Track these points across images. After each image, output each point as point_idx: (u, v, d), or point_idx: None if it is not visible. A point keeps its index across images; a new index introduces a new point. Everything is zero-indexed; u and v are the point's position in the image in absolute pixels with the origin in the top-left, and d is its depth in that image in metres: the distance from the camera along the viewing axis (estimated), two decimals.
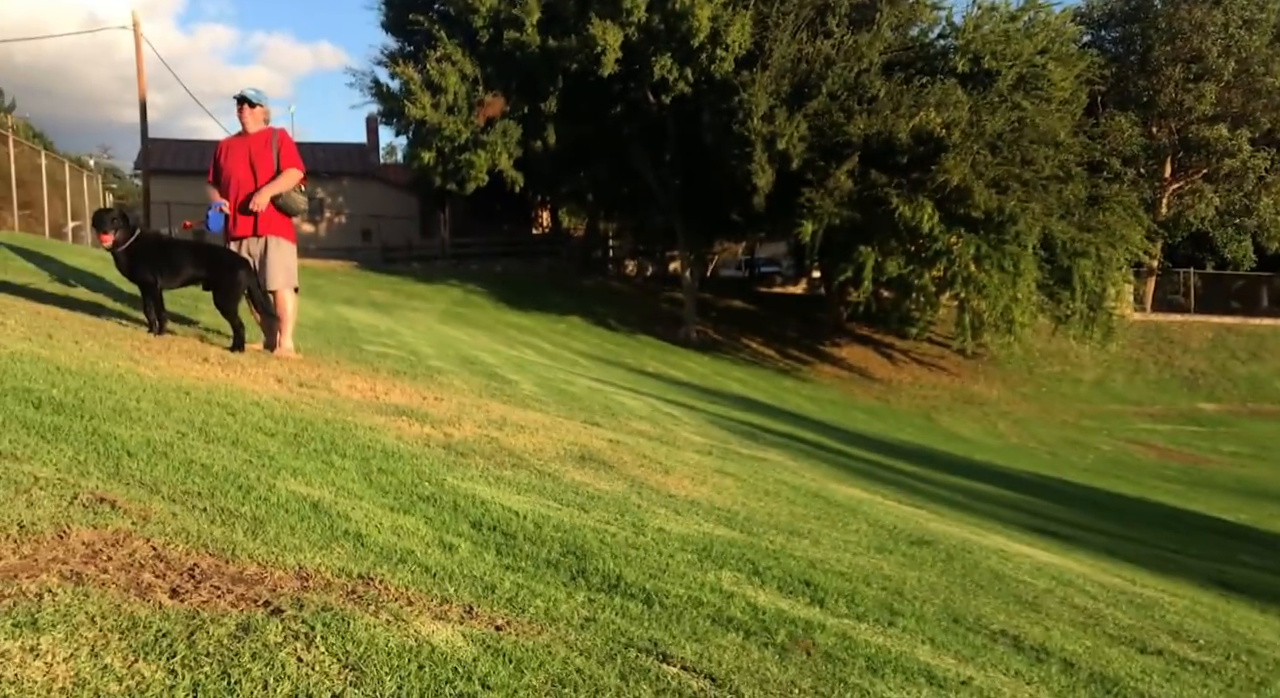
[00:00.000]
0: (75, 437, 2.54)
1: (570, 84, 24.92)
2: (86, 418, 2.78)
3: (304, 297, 17.11)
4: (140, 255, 5.64)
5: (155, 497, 2.17)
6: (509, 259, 36.15)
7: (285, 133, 6.27)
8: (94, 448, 2.50)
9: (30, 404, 2.78)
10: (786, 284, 40.67)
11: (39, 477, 2.04)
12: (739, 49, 23.29)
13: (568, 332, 23.89)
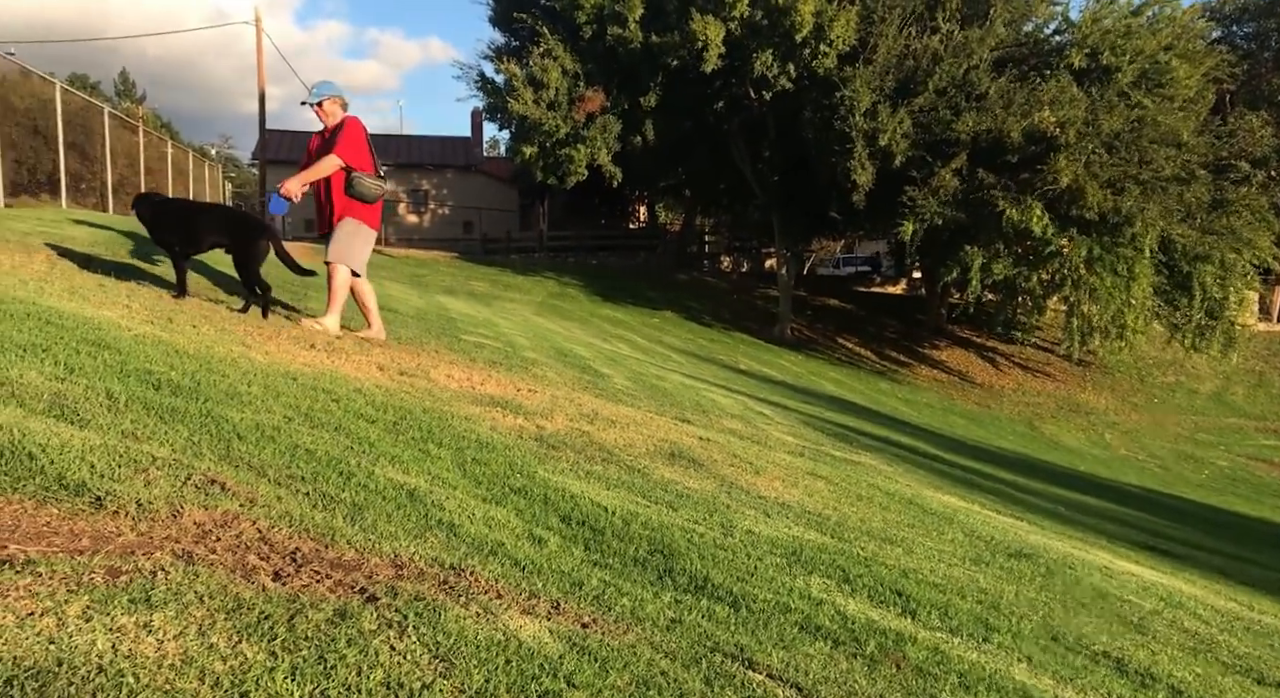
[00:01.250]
0: (190, 419, 2.66)
1: (670, 79, 24.92)
2: (201, 401, 2.91)
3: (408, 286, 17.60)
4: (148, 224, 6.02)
5: (262, 480, 2.25)
6: (605, 253, 36.43)
7: (352, 122, 6.16)
8: (207, 430, 2.61)
9: (151, 386, 2.93)
10: (885, 284, 39.91)
11: (156, 457, 2.14)
12: (843, 45, 22.90)
13: (661, 326, 23.92)
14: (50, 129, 15.48)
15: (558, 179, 26.72)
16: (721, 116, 26.27)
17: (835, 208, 25.13)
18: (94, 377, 2.81)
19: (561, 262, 33.73)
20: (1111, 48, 22.69)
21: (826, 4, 22.65)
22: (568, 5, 24.55)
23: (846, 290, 36.87)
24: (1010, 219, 21.34)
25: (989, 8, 23.46)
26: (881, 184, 22.68)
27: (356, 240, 6.16)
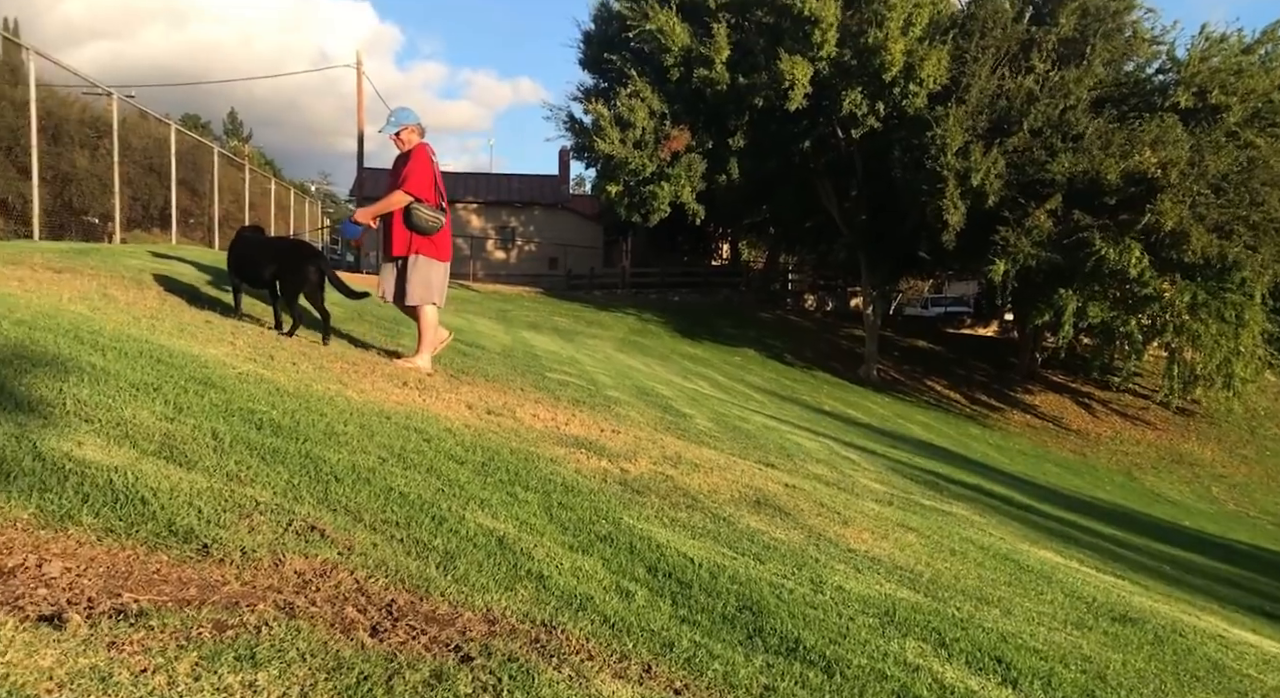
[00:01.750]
0: (290, 460, 2.73)
1: (757, 119, 25.00)
2: (300, 441, 2.97)
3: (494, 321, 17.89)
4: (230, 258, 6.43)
5: (359, 525, 2.28)
6: (687, 289, 36.50)
7: (420, 151, 6.22)
8: (306, 472, 2.67)
9: (254, 425, 3.01)
10: (975, 325, 38.98)
11: (259, 501, 2.19)
12: (934, 84, 22.67)
13: (743, 365, 23.77)
14: (164, 167, 16.30)
15: (641, 216, 26.97)
16: (808, 155, 26.20)
17: (924, 247, 24.74)
18: (201, 416, 2.90)
19: (643, 298, 33.90)
20: (1221, 86, 21.92)
21: (917, 44, 22.50)
22: (656, 48, 24.91)
23: (935, 332, 36.13)
24: (1107, 261, 20.67)
25: (1087, 48, 22.95)
26: (972, 224, 22.26)
27: (433, 277, 6.25)
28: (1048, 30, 23.13)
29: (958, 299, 43.61)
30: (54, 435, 2.25)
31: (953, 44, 22.97)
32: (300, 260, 6.27)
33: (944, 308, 42.59)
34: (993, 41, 22.89)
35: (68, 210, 14.09)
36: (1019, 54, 23.23)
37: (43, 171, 11.00)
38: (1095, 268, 21.02)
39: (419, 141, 6.26)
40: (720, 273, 41.41)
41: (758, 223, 35.60)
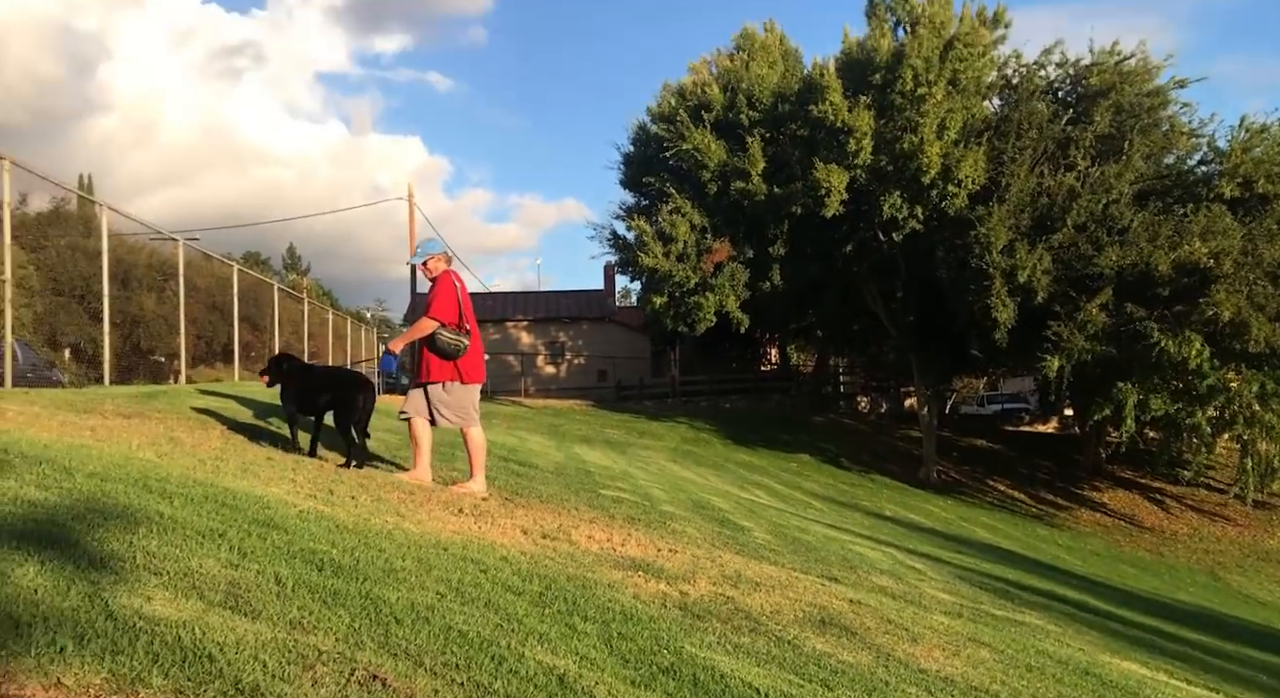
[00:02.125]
0: (351, 601, 2.75)
1: (796, 226, 25.39)
2: (360, 580, 3.00)
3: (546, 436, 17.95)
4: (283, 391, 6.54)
5: (419, 670, 2.28)
6: (737, 396, 36.42)
7: (444, 278, 6.38)
8: (367, 614, 2.68)
9: (315, 566, 3.05)
10: (1035, 422, 38.18)
11: (322, 650, 2.20)
12: (973, 185, 22.92)
13: (799, 471, 23.43)
14: (227, 305, 16.97)
15: (688, 326, 27.22)
16: (850, 259, 26.43)
17: (975, 345, 24.51)
18: (264, 560, 2.95)
19: (694, 406, 33.87)
20: (1267, 176, 21.83)
21: (953, 146, 22.86)
22: (693, 165, 25.63)
23: (993, 430, 35.41)
24: (1167, 353, 20.24)
25: (1125, 143, 23.08)
26: (1023, 320, 22.08)
27: (462, 399, 6.34)
28: (1084, 128, 23.35)
29: (1014, 396, 42.88)
30: (125, 591, 2.31)
31: (988, 145, 23.30)
32: (354, 390, 6.43)
33: (1001, 405, 41.86)
34: (1029, 142, 23.16)
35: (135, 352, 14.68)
36: (1056, 152, 23.45)
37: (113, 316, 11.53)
38: (1154, 360, 20.60)
39: (444, 269, 6.43)
40: (770, 378, 41.33)
41: (805, 327, 35.70)
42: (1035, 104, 23.87)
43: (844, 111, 22.81)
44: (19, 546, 2.46)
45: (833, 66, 24.29)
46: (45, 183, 11.42)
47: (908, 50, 22.66)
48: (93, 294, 14.41)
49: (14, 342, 9.57)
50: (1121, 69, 24.03)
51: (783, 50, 27.19)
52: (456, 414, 6.32)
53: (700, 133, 25.23)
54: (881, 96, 23.18)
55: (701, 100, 26.39)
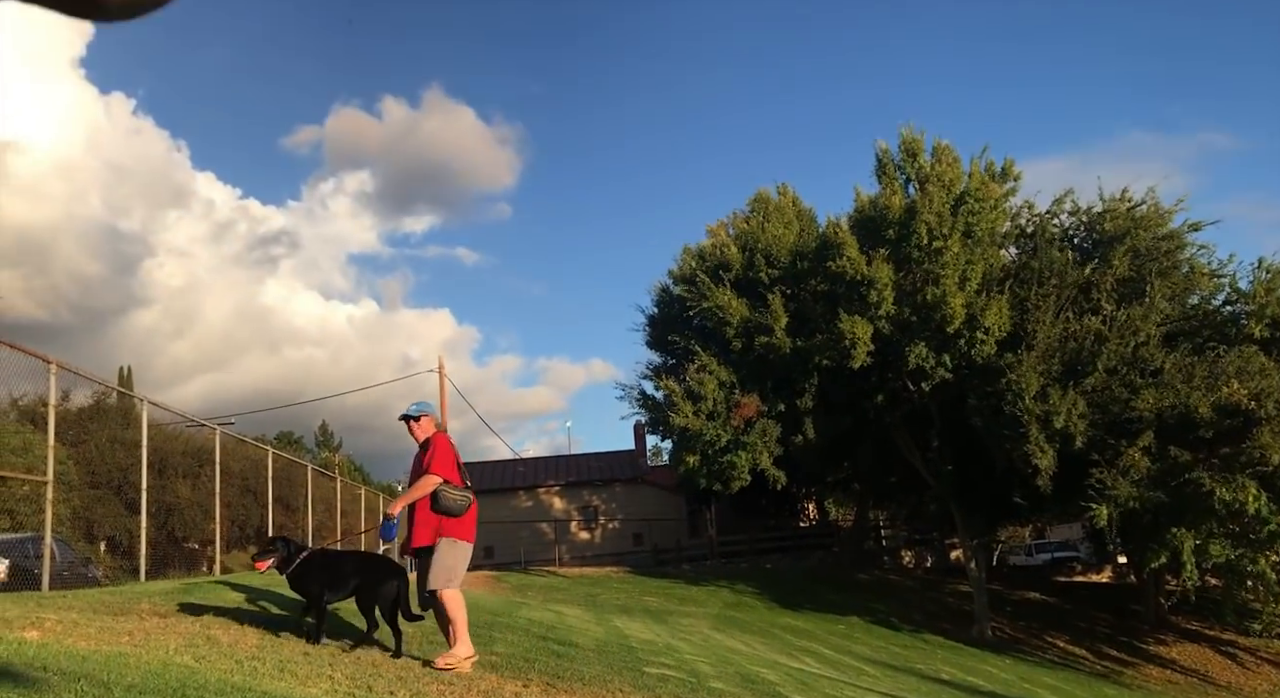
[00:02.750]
0: None
1: (824, 379, 25.46)
2: None
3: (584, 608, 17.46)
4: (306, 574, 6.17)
5: None
6: (777, 554, 35.50)
7: (440, 438, 6.33)
8: None
9: None
10: (1088, 571, 36.75)
11: None
12: (999, 332, 23.04)
13: (847, 634, 22.47)
14: (260, 487, 17.05)
15: (722, 485, 26.88)
16: (882, 409, 26.31)
17: (1017, 493, 23.95)
18: None
19: (734, 568, 32.99)
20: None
21: (975, 296, 23.13)
22: (717, 322, 26.07)
23: (1045, 581, 34.06)
24: (1221, 499, 19.58)
25: (1146, 285, 23.25)
26: (1065, 466, 21.64)
27: (455, 560, 6.08)
28: (1104, 272, 23.62)
29: (1063, 544, 41.47)
30: None
31: (1011, 293, 23.56)
32: (386, 575, 6.31)
33: (1050, 554, 40.38)
34: (1051, 288, 23.40)
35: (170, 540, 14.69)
36: (1079, 297, 23.65)
37: (149, 505, 11.60)
38: (1208, 505, 19.91)
39: (435, 431, 6.41)
40: (810, 534, 40.37)
41: (841, 480, 35.17)
42: (1052, 251, 24.28)
43: (862, 265, 23.29)
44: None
45: (846, 224, 25.01)
46: (85, 379, 11.79)
47: (919, 207, 23.34)
48: (129, 485, 14.57)
49: (52, 541, 9.60)
50: (1134, 214, 24.54)
51: (796, 210, 28.13)
52: (447, 574, 6.04)
53: (722, 291, 25.79)
54: (897, 250, 23.72)
55: (721, 261, 27.13)
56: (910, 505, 34.03)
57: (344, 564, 6.47)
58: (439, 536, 6.07)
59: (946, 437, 25.97)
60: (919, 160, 25.05)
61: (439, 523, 6.09)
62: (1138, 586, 29.58)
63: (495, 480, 40.92)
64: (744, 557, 35.03)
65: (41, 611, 5.65)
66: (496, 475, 41.69)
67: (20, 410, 19.44)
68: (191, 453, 17.38)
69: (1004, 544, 43.69)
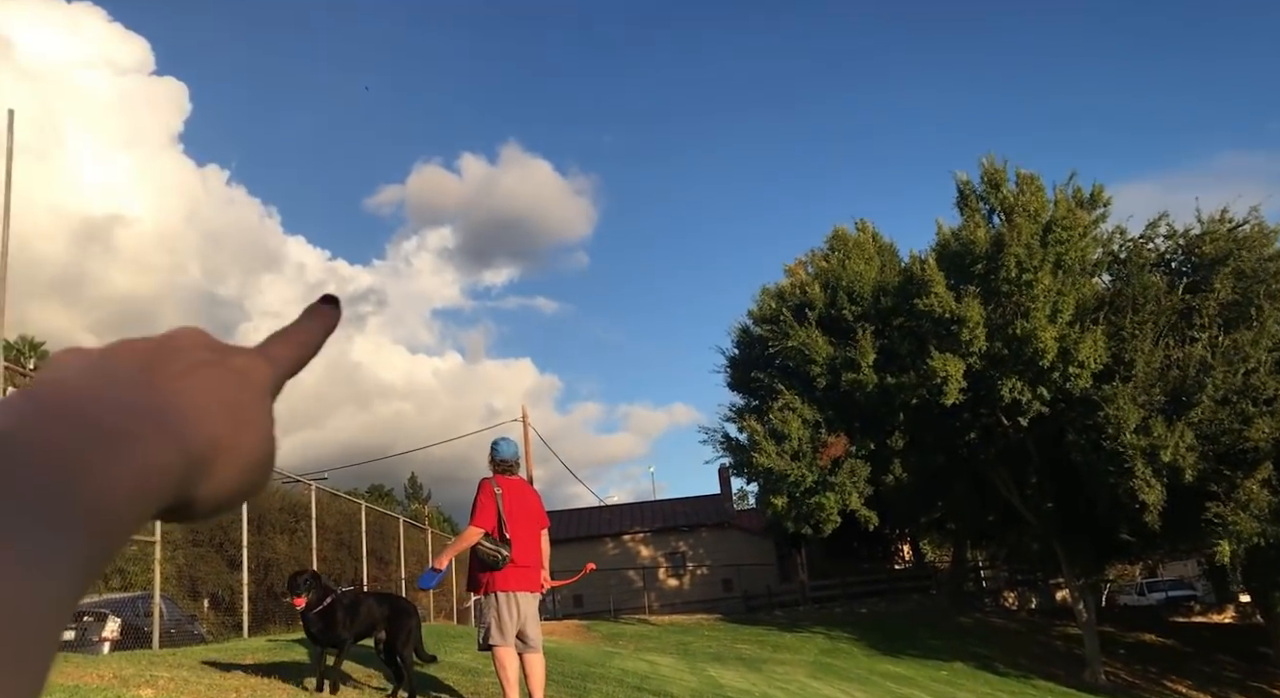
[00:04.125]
0: None
1: (914, 416, 24.86)
2: None
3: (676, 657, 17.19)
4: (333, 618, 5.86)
5: None
6: (873, 599, 34.52)
7: (483, 485, 6.06)
8: None
9: None
10: (1207, 611, 34.74)
11: None
12: (1095, 364, 22.20)
13: (951, 680, 21.62)
14: (354, 541, 17.35)
15: (811, 528, 26.35)
16: (975, 446, 25.52)
17: (1125, 530, 22.84)
18: None
19: (828, 613, 32.19)
20: None
21: (1069, 328, 22.38)
22: (800, 360, 25.74)
23: (1160, 622, 32.30)
24: None
25: (1253, 309, 22.17)
26: (1176, 501, 20.57)
27: (491, 615, 5.81)
28: (1205, 297, 22.64)
29: (1178, 582, 39.36)
30: None
31: (1105, 322, 22.73)
32: (406, 615, 6.25)
33: (1164, 593, 38.31)
34: (1148, 315, 22.50)
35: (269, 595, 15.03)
36: (1180, 323, 22.67)
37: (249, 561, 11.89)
38: None
39: (485, 476, 6.12)
40: (906, 577, 39.17)
41: (936, 520, 34.11)
42: (1148, 277, 23.41)
43: (950, 303, 22.77)
44: None
45: (932, 259, 24.56)
46: None
47: (1007, 238, 22.79)
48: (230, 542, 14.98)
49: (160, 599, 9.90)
50: (1236, 235, 23.52)
51: (877, 246, 27.74)
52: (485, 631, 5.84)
53: (805, 329, 25.52)
54: (985, 284, 23.16)
55: (803, 299, 26.87)
56: (1010, 544, 32.75)
57: (366, 605, 6.26)
58: (480, 591, 5.91)
59: (1046, 473, 25.01)
60: (1002, 191, 24.54)
61: (479, 576, 5.91)
62: (1265, 626, 27.80)
63: (581, 528, 40.89)
64: (837, 601, 34.15)
65: (154, 669, 5.78)
66: (582, 523, 41.66)
67: None
68: (288, 509, 17.84)
69: (1113, 583, 41.65)
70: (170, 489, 0.34)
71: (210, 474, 0.36)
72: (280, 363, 0.43)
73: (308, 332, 0.46)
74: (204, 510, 0.37)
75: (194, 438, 0.35)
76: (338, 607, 5.88)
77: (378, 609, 6.23)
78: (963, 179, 25.62)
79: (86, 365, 0.36)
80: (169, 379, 0.37)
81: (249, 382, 0.41)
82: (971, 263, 23.33)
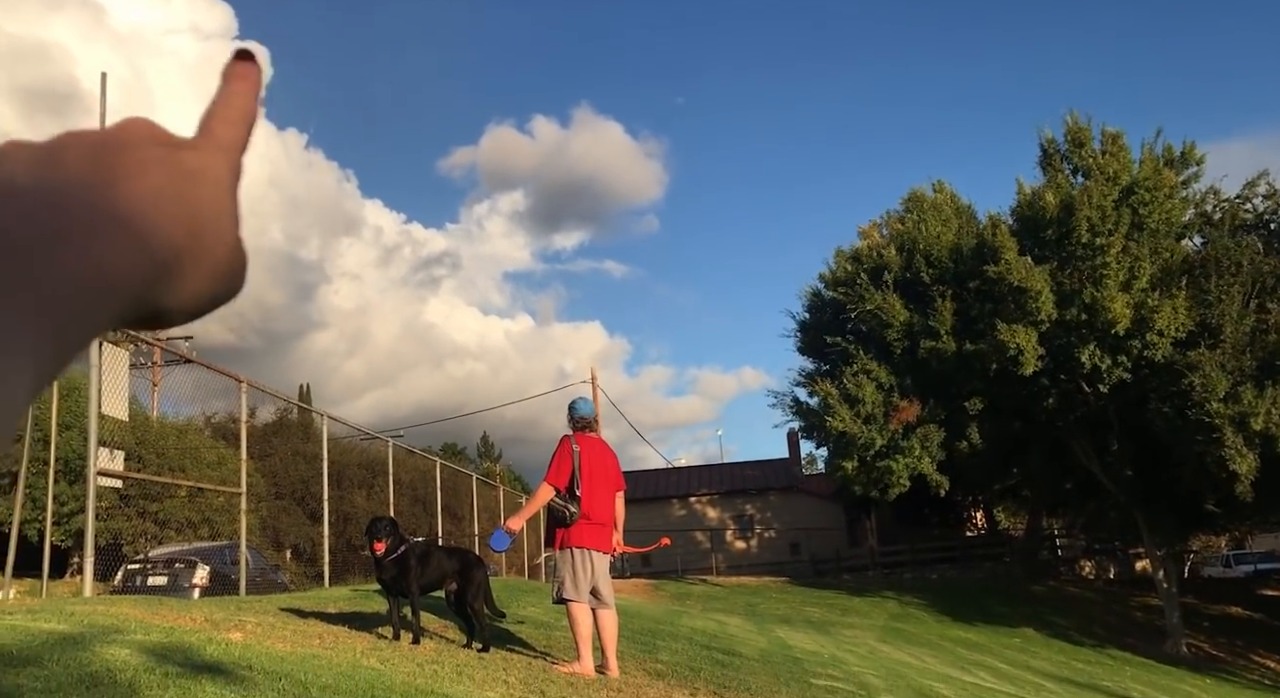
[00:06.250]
0: None
1: (990, 382, 24.35)
2: None
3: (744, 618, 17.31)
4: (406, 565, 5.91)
5: None
6: (944, 565, 34.15)
7: (561, 441, 6.13)
8: None
9: None
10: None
11: None
12: (1176, 332, 21.39)
13: (1023, 648, 21.34)
14: (428, 496, 17.78)
15: (880, 492, 26.16)
16: (1054, 413, 24.90)
17: (1211, 501, 22.13)
18: None
19: (897, 578, 31.99)
20: None
21: (1147, 294, 21.57)
22: (876, 325, 25.39)
23: (1248, 595, 31.30)
24: None
25: None
26: (1269, 470, 19.81)
27: (565, 570, 5.89)
28: None
29: (1268, 554, 38.00)
30: None
31: (1192, 286, 21.86)
32: (475, 568, 6.34)
33: (1253, 566, 37.04)
34: (1238, 278, 21.57)
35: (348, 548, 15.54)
36: (1272, 283, 21.70)
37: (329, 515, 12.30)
38: None
39: (565, 434, 6.18)
40: (978, 544, 38.60)
41: (1011, 487, 33.50)
42: (1243, 238, 22.41)
43: (1020, 270, 22.12)
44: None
45: (1007, 222, 23.89)
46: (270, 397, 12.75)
47: (1078, 202, 22.01)
48: (311, 495, 15.51)
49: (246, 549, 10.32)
50: None
51: (954, 207, 27.08)
52: (558, 585, 5.93)
53: (882, 293, 25.12)
54: (1059, 249, 22.45)
55: (879, 262, 26.43)
56: (1088, 513, 32.01)
57: (436, 558, 6.35)
58: (555, 546, 6.00)
59: (1127, 441, 24.32)
60: (1085, 149, 23.68)
61: (554, 532, 5.99)
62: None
63: (649, 490, 41.23)
64: (907, 567, 33.89)
65: (242, 614, 6.03)
66: (650, 485, 42.00)
67: (214, 427, 21.05)
68: (366, 465, 18.39)
69: (1196, 555, 40.46)
70: (133, 293, 0.33)
71: (176, 282, 0.35)
72: (231, 147, 0.41)
73: (243, 98, 0.43)
74: (177, 319, 0.37)
75: (155, 245, 0.34)
76: (410, 556, 5.96)
77: (448, 562, 6.33)
78: (1047, 137, 24.81)
79: (33, 159, 0.34)
80: (121, 180, 0.35)
81: (207, 181, 0.38)
82: (1043, 228, 22.63)
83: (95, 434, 7.35)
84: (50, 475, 9.40)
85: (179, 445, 18.24)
